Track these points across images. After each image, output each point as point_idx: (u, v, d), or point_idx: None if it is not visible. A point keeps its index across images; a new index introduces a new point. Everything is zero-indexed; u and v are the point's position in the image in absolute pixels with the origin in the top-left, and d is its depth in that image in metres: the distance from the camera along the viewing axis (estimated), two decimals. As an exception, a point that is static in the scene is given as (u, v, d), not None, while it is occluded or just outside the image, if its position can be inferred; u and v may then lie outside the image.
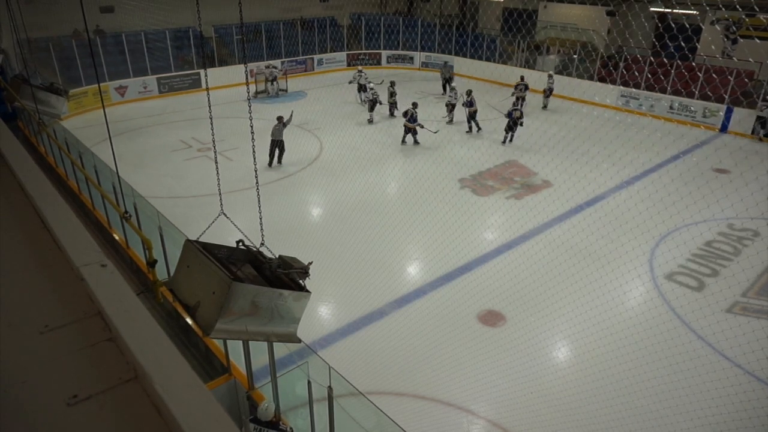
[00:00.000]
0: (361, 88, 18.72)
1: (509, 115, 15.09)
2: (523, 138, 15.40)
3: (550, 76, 18.75)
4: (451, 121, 16.98)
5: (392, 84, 17.70)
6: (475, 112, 15.86)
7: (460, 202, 11.26)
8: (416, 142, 15.15)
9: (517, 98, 17.07)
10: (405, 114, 14.95)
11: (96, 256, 1.44)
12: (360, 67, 20.39)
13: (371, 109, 17.06)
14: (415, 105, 14.96)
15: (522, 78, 18.04)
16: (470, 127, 16.09)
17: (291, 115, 13.43)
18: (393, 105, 17.67)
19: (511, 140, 15.23)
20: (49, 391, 1.07)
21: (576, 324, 7.53)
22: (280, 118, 13.22)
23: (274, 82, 20.44)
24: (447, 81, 20.42)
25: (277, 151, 13.48)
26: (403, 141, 15.18)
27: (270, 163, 13.49)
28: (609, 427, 5.94)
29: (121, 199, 7.58)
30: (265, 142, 13.07)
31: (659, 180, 12.26)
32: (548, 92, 18.78)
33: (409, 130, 14.97)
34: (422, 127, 14.80)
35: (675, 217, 9.96)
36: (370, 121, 17.10)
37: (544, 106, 18.92)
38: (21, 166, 2.09)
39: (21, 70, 13.24)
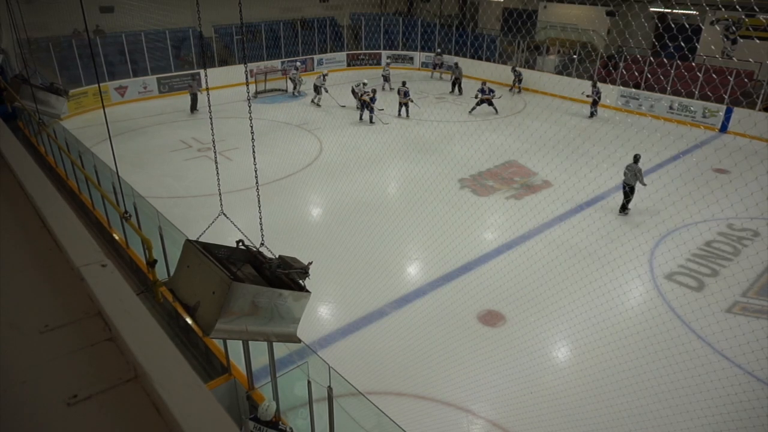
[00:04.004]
0: (317, 89, 19.00)
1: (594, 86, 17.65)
2: (522, 138, 15.41)
3: (438, 54, 23.56)
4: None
5: (404, 83, 17.75)
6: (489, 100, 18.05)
7: (460, 202, 11.26)
8: (495, 110, 17.99)
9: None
10: (482, 92, 17.85)
11: (96, 256, 1.44)
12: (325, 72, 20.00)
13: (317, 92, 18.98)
14: (484, 83, 17.93)
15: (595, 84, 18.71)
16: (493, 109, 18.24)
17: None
18: (404, 105, 17.57)
19: (595, 114, 17.78)
20: (49, 391, 1.07)
21: (576, 324, 7.54)
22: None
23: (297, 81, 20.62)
24: (456, 81, 20.58)
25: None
26: (472, 110, 18.00)
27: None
28: (609, 427, 5.94)
29: (121, 199, 7.57)
30: (265, 143, 13.06)
31: (659, 180, 12.24)
32: (439, 65, 23.56)
33: (485, 102, 17.90)
34: (499, 97, 18.16)
35: (675, 217, 9.96)
36: (313, 101, 18.94)
37: (438, 76, 23.58)
38: (21, 166, 2.09)
39: (21, 70, 13.23)
